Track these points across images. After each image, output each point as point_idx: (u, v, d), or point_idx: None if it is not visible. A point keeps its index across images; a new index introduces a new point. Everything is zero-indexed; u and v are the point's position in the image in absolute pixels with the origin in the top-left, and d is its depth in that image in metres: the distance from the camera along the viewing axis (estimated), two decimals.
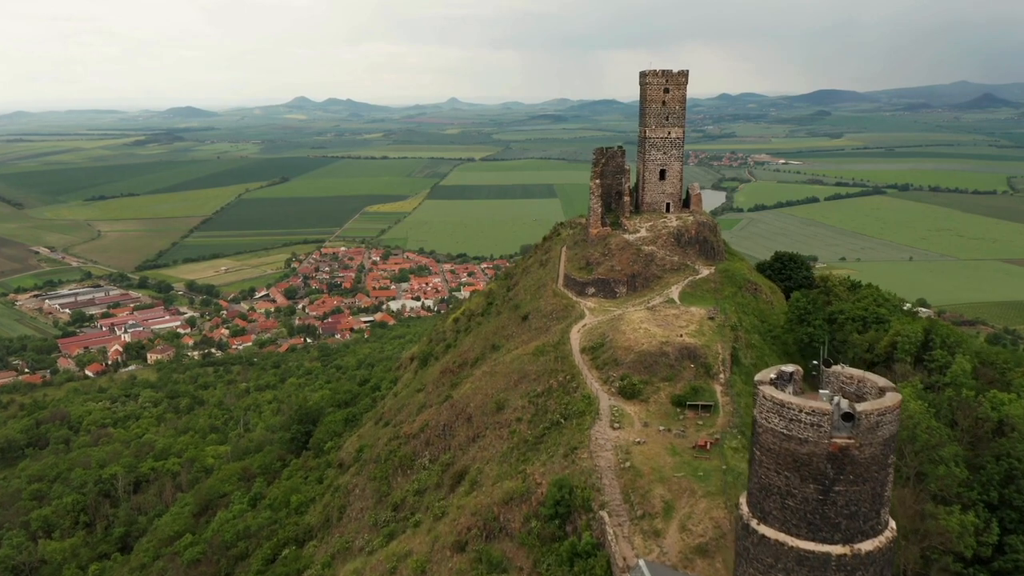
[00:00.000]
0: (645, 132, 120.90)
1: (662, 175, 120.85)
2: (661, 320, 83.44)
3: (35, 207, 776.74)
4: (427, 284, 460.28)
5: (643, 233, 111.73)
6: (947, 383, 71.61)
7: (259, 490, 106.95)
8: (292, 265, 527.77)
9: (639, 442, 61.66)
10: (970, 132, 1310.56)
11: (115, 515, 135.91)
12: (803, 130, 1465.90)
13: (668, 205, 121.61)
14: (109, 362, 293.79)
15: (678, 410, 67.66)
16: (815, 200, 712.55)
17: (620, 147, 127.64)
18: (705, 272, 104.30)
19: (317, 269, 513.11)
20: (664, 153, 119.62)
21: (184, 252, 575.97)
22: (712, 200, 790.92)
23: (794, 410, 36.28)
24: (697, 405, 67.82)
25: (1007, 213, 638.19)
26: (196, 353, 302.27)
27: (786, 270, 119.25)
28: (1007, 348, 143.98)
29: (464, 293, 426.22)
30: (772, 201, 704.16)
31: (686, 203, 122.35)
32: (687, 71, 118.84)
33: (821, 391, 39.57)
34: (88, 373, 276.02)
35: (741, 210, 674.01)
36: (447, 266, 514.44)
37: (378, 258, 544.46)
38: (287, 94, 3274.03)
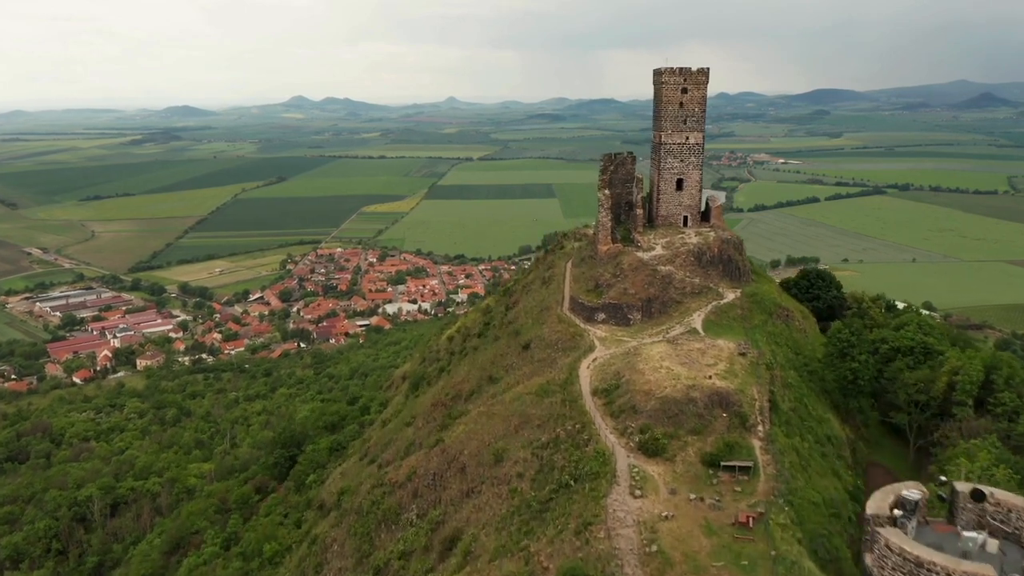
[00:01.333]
0: (660, 137, 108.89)
1: (679, 185, 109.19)
2: (684, 356, 73.65)
3: (29, 207, 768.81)
4: (424, 286, 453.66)
5: (659, 251, 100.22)
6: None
7: (234, 528, 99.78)
8: (287, 266, 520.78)
9: (667, 516, 52.16)
10: (969, 131, 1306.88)
11: (89, 542, 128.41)
12: (802, 129, 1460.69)
13: (686, 219, 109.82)
14: (98, 368, 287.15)
15: (711, 472, 57.91)
16: (815, 200, 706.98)
17: (630, 153, 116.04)
18: (730, 296, 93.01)
19: (313, 270, 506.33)
20: (681, 161, 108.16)
21: (179, 253, 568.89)
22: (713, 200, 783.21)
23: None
24: (733, 466, 58.10)
25: (1009, 213, 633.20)
26: (187, 359, 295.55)
27: (814, 288, 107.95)
28: None
29: (462, 296, 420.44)
30: (772, 201, 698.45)
31: (705, 216, 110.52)
32: (707, 69, 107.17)
33: (964, 532, 29.03)
34: (76, 380, 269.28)
35: (741, 210, 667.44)
36: (445, 268, 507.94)
37: (375, 259, 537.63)
38: (285, 93, 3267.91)
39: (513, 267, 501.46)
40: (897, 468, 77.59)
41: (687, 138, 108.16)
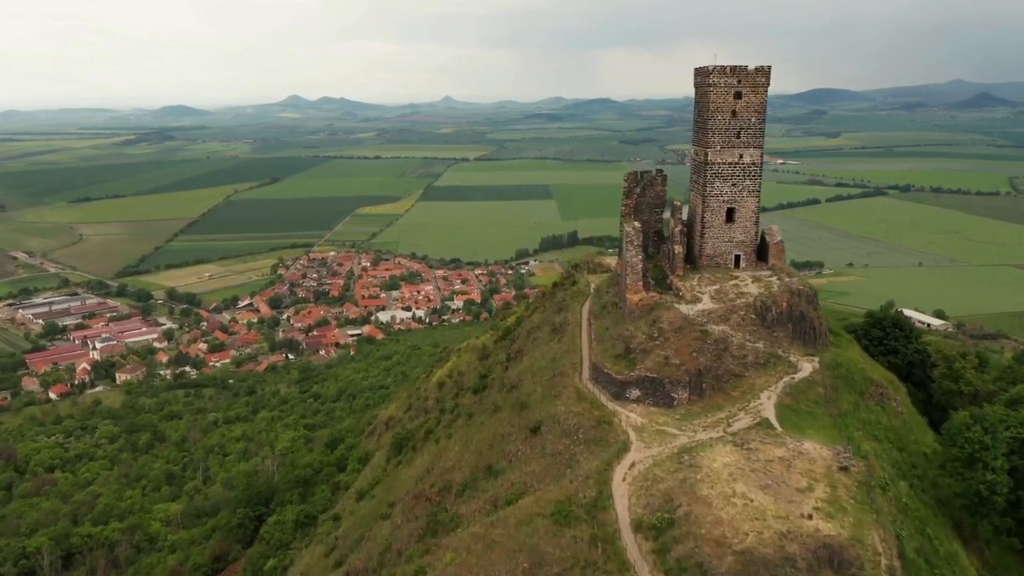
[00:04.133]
0: (706, 155, 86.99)
1: (730, 216, 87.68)
2: (764, 472, 53.67)
3: (18, 209, 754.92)
4: (419, 292, 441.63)
5: (707, 304, 78.47)
6: None
7: None
8: (279, 271, 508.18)
9: None
10: (967, 131, 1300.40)
11: None
12: (799, 129, 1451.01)
13: (738, 258, 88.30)
14: (75, 382, 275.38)
15: None
16: (816, 202, 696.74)
17: (660, 171, 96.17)
18: (806, 368, 71.38)
19: (304, 275, 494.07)
20: (734, 185, 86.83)
21: (167, 257, 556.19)
22: None
23: None
24: None
25: (1012, 215, 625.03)
26: (169, 372, 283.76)
27: (889, 340, 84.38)
28: None
29: (457, 303, 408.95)
30: (772, 203, 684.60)
31: (761, 254, 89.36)
32: (768, 68, 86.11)
33: None
34: (52, 395, 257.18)
35: None
36: (440, 272, 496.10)
37: (368, 263, 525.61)
38: (281, 92, 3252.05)
39: (511, 271, 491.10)
40: None
41: (741, 156, 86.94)
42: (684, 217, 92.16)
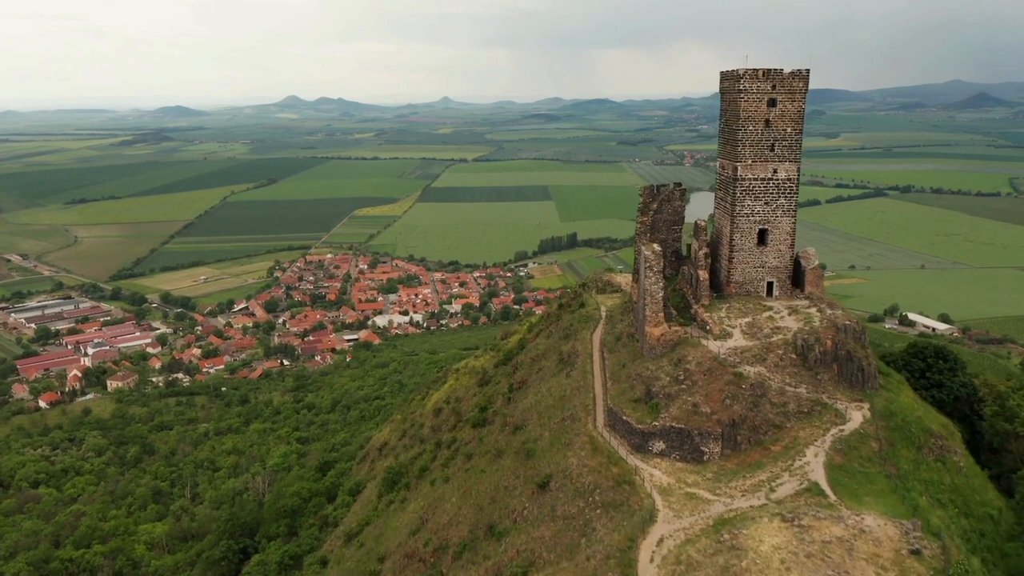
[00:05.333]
0: (735, 169, 78.22)
1: (762, 238, 79.34)
2: (820, 558, 45.08)
3: (13, 211, 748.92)
4: (416, 296, 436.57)
5: (739, 340, 69.26)
6: None
7: None
8: (275, 274, 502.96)
9: None
10: (966, 132, 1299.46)
11: None
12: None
13: (770, 285, 79.87)
14: (66, 389, 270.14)
15: None
16: (816, 203, 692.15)
17: (678, 185, 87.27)
18: (856, 418, 61.26)
19: (301, 278, 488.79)
20: (766, 204, 78.54)
21: (163, 260, 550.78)
22: (710, 203, 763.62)
23: None
24: None
25: (1013, 216, 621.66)
26: (161, 379, 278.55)
27: (933, 373, 74.44)
28: None
29: (455, 307, 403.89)
30: None
31: (795, 280, 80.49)
32: (806, 72, 77.54)
33: None
34: (41, 403, 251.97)
35: None
36: (438, 275, 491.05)
37: (365, 266, 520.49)
38: (279, 93, 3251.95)
39: (509, 274, 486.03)
40: None
41: (775, 171, 78.55)
42: (708, 238, 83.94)
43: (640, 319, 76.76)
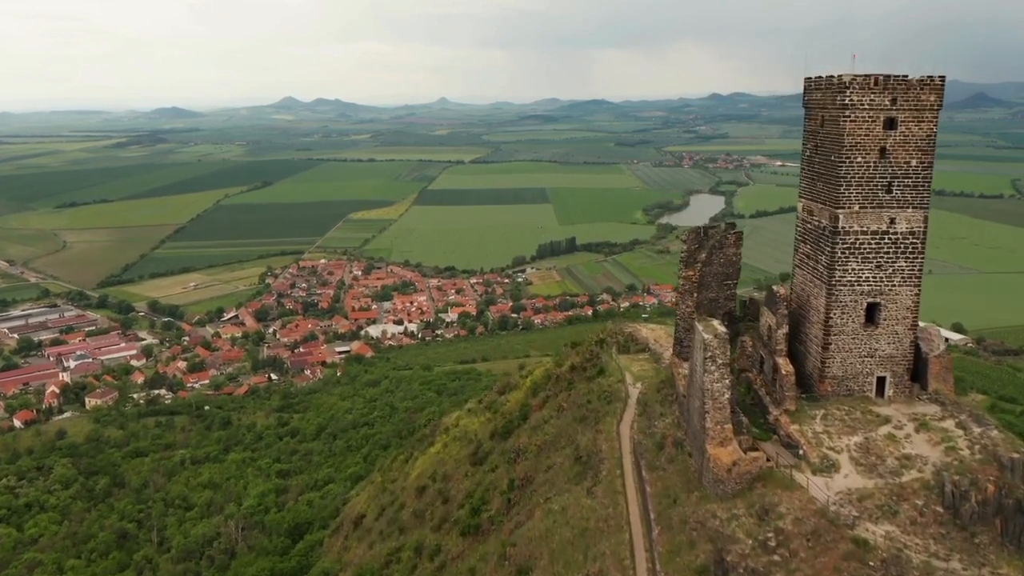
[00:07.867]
0: (835, 219, 56.78)
1: (871, 316, 58.00)
2: None
3: (2, 215, 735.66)
4: (411, 303, 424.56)
5: (851, 476, 48.91)
6: None
7: None
8: (267, 280, 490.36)
9: None
10: (965, 132, 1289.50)
11: None
12: (797, 130, 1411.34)
13: (881, 381, 58.24)
14: (43, 406, 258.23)
15: None
16: None
17: (732, 226, 66.98)
18: None
19: (293, 285, 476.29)
20: (879, 268, 56.96)
21: (152, 266, 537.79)
22: (711, 206, 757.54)
23: None
24: None
25: (1018, 219, 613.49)
26: (143, 396, 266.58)
27: None
28: None
29: (451, 315, 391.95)
30: (774, 206, 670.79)
31: (913, 371, 59.10)
32: (941, 80, 57.05)
33: None
34: (16, 423, 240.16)
35: (742, 216, 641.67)
36: (434, 281, 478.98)
37: (359, 272, 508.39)
38: (275, 93, 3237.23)
39: (507, 280, 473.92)
40: None
41: (892, 221, 56.46)
42: (787, 309, 61.44)
43: (696, 428, 54.83)
